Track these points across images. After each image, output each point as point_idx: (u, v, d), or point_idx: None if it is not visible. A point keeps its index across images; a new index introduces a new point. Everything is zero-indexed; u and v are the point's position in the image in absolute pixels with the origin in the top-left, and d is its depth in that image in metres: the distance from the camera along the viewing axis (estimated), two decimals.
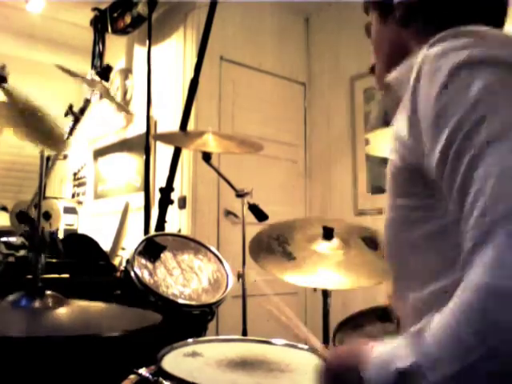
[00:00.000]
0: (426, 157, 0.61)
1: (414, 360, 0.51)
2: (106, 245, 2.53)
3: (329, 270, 1.44)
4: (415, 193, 0.67)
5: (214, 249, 1.62)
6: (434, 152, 0.58)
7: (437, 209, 0.64)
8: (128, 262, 1.42)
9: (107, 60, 3.53)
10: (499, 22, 0.74)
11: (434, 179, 0.62)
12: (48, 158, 3.11)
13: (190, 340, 1.08)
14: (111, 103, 3.58)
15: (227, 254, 1.71)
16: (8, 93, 1.33)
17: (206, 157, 1.83)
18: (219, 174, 1.92)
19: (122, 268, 2.27)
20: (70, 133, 2.39)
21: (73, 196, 4.18)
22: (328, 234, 1.54)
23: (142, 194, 2.72)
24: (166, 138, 1.97)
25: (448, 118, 0.56)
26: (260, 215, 1.84)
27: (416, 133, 0.62)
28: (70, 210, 3.55)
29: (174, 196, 2.00)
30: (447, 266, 0.64)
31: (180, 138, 1.87)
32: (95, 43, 3.53)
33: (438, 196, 0.63)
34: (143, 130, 2.89)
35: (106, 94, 2.62)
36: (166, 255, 1.48)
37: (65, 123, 2.30)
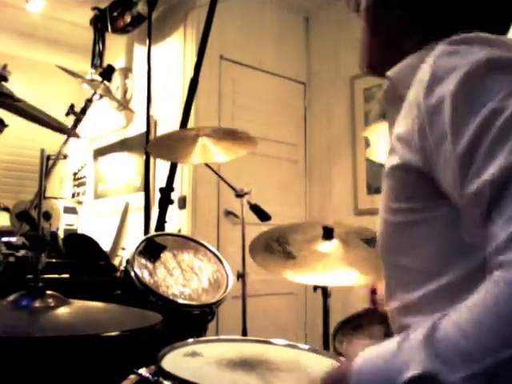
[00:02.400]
0: (436, 153, 0.60)
1: (428, 366, 0.49)
2: (106, 245, 2.53)
3: (329, 268, 1.44)
4: (414, 195, 0.66)
5: (213, 249, 1.62)
6: (458, 142, 0.57)
7: (434, 209, 0.64)
8: (128, 262, 1.42)
9: (107, 59, 3.53)
10: (504, 30, 0.74)
11: (432, 180, 0.62)
12: (48, 158, 3.11)
13: (190, 340, 1.08)
14: (112, 102, 3.59)
15: (227, 254, 1.71)
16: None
17: None
18: (217, 175, 1.92)
19: (122, 268, 2.27)
20: (69, 137, 2.39)
21: (73, 196, 4.18)
22: (328, 234, 1.54)
23: (142, 194, 2.73)
24: (160, 150, 1.85)
25: (475, 112, 0.56)
26: (262, 215, 1.84)
27: (426, 132, 0.61)
28: (69, 210, 3.55)
29: (174, 196, 2.00)
30: (443, 266, 0.64)
31: (174, 148, 1.78)
32: (95, 42, 3.53)
33: (435, 197, 0.63)
34: (143, 129, 2.89)
35: (107, 93, 2.62)
36: (166, 255, 1.48)
37: (66, 123, 2.30)
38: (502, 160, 0.52)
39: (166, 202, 1.92)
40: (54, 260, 2.05)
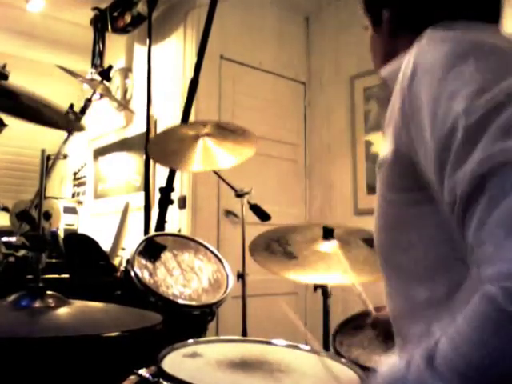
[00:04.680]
0: (419, 148, 0.61)
1: None
2: (106, 245, 2.53)
3: (330, 268, 1.44)
4: (407, 187, 0.66)
5: (213, 249, 1.62)
6: (435, 138, 0.57)
7: (428, 204, 0.63)
8: (128, 262, 1.42)
9: (107, 59, 3.52)
10: (493, 18, 0.73)
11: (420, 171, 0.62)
12: (48, 158, 3.10)
13: (190, 340, 1.07)
14: (112, 102, 3.59)
15: (227, 254, 1.71)
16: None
17: None
18: (217, 175, 1.92)
19: (122, 268, 2.27)
20: (71, 132, 2.38)
21: (73, 196, 4.18)
22: (328, 234, 1.54)
23: (142, 194, 2.72)
24: (159, 152, 1.84)
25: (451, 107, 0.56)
26: (262, 215, 1.84)
27: (409, 124, 0.62)
28: (70, 210, 3.55)
29: (174, 196, 2.00)
30: (442, 265, 0.63)
31: (173, 152, 1.77)
32: (95, 42, 3.53)
33: (429, 191, 0.62)
34: (143, 129, 2.88)
35: (107, 93, 2.62)
36: (166, 255, 1.48)
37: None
38: (474, 160, 0.52)
39: (165, 201, 1.92)
40: (53, 260, 2.05)
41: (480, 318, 0.48)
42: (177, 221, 2.90)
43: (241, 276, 1.81)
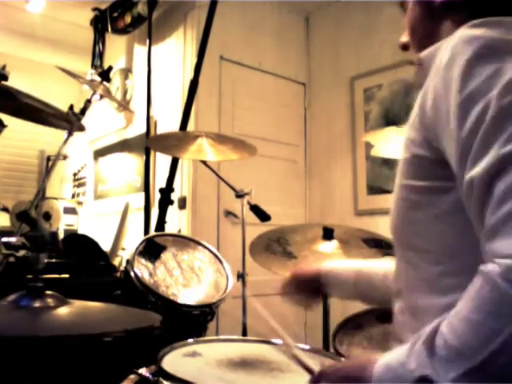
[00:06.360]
0: (444, 135, 0.61)
1: (426, 368, 0.52)
2: (106, 245, 2.53)
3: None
4: (429, 174, 0.67)
5: (213, 249, 1.62)
6: (461, 128, 0.58)
7: (445, 192, 0.65)
8: (128, 262, 1.42)
9: (107, 60, 3.53)
10: None
11: (446, 161, 0.63)
12: (48, 159, 3.11)
13: (190, 340, 1.08)
14: (112, 103, 3.59)
15: (227, 254, 1.71)
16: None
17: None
18: (217, 175, 1.92)
19: (122, 268, 2.27)
20: (71, 133, 2.38)
21: (73, 196, 4.18)
22: (328, 234, 1.54)
23: (142, 195, 2.73)
24: (159, 146, 1.93)
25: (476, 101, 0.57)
26: (262, 215, 1.84)
27: (437, 111, 0.63)
28: (69, 211, 3.55)
29: (174, 196, 2.00)
30: (451, 249, 0.65)
31: (174, 145, 1.82)
32: (95, 43, 3.53)
33: (447, 179, 0.64)
34: (143, 129, 2.89)
35: (106, 94, 2.62)
36: (166, 255, 1.48)
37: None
38: (494, 151, 0.53)
39: (165, 202, 1.92)
40: (54, 260, 2.05)
41: (477, 296, 0.51)
42: (177, 221, 2.90)
43: (241, 276, 1.81)
